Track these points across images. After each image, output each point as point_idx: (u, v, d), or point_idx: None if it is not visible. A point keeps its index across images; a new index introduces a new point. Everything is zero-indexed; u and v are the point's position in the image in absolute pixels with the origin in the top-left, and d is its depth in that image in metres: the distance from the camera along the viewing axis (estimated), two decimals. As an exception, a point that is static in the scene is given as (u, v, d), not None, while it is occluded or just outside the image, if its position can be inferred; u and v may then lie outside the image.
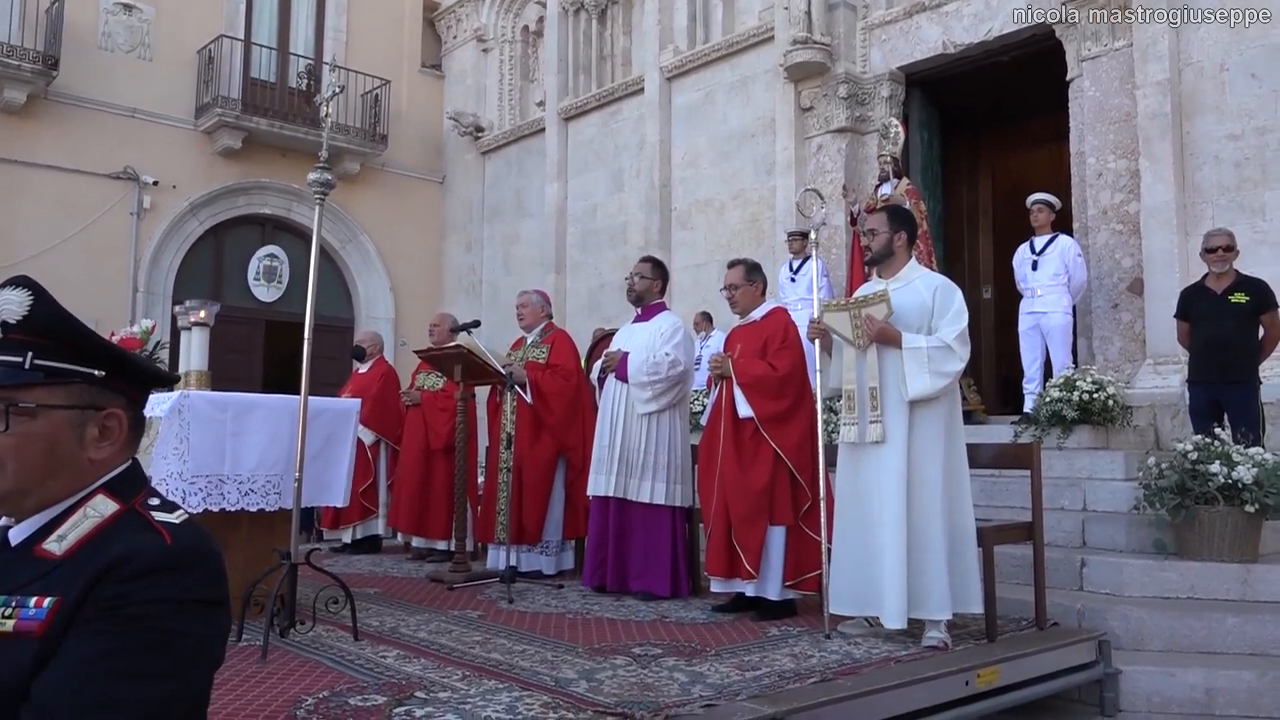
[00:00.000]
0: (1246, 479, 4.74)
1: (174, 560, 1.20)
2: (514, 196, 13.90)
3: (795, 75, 9.71)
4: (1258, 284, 5.68)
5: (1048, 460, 5.59)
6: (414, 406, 7.01)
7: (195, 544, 1.25)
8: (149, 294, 12.27)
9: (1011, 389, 8.83)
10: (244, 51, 13.07)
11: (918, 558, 3.88)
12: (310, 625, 4.00)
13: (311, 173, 4.07)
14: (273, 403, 4.41)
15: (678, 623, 4.43)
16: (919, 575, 3.87)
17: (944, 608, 3.88)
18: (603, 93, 12.43)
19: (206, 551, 1.25)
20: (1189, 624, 4.40)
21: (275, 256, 13.55)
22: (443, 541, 6.72)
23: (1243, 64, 7.06)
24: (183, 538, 1.24)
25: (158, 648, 1.15)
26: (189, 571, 1.21)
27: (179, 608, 1.18)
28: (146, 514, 1.27)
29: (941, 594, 3.87)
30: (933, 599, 3.88)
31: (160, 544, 1.22)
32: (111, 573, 1.16)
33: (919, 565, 3.88)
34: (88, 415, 1.28)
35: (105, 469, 1.31)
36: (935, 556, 3.88)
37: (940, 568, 3.88)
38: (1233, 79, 7.10)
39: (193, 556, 1.23)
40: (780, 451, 4.55)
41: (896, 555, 3.85)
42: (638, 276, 5.58)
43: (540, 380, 5.89)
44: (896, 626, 3.88)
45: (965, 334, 4.01)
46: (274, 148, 13.18)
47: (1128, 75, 7.59)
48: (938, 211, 9.42)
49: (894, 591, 3.85)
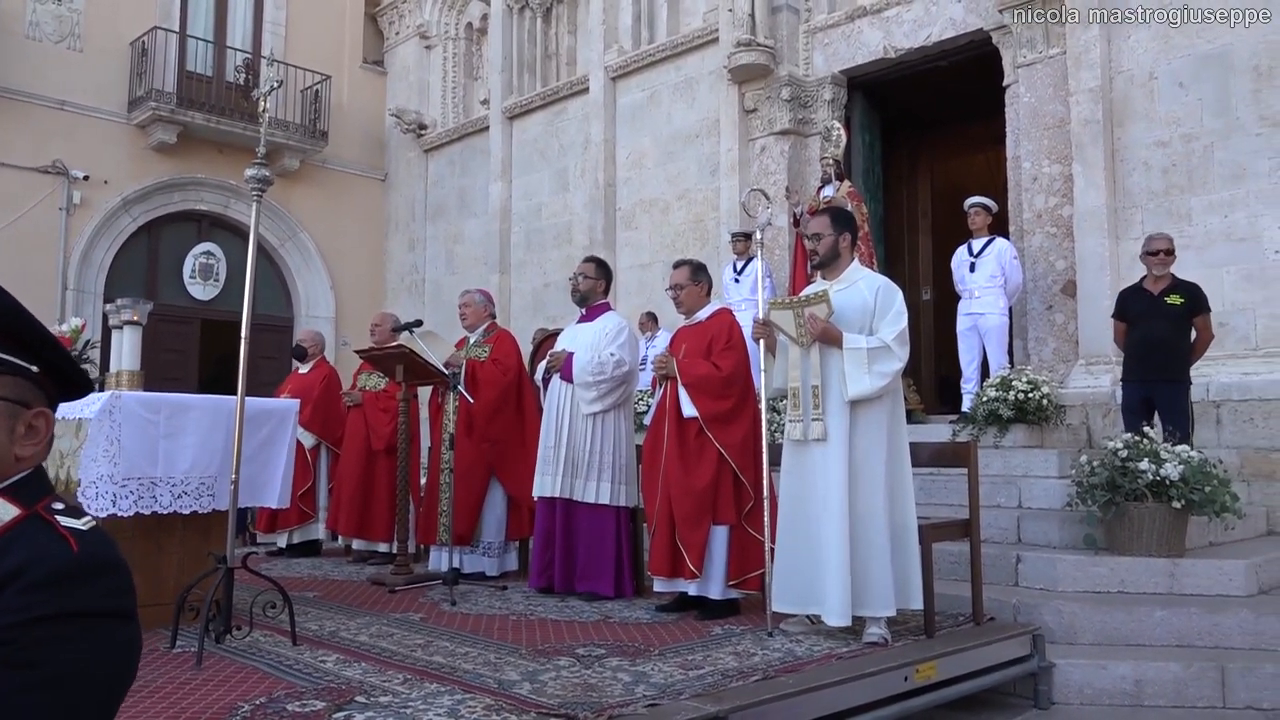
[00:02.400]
0: (1174, 476, 4.88)
1: (81, 569, 1.13)
2: (458, 195, 13.79)
3: (739, 77, 9.79)
4: (1192, 288, 5.86)
5: (984, 458, 5.70)
6: (355, 407, 6.92)
7: (104, 552, 1.17)
8: (79, 292, 11.96)
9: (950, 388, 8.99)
10: (179, 44, 12.79)
11: (861, 555, 3.92)
12: (247, 631, 3.93)
13: (249, 169, 4.00)
14: (207, 403, 4.33)
15: (622, 623, 4.44)
16: (862, 572, 3.92)
17: (887, 604, 3.93)
18: (547, 91, 12.40)
19: (115, 561, 1.18)
20: (1119, 617, 4.52)
21: (211, 254, 13.33)
22: (384, 544, 6.65)
23: (1171, 73, 7.28)
24: (91, 545, 1.16)
25: (55, 682, 1.07)
26: (97, 581, 1.13)
27: (85, 621, 1.10)
28: (51, 519, 1.18)
29: (884, 591, 3.92)
30: (876, 596, 3.93)
31: (66, 552, 1.14)
32: (12, 582, 1.08)
33: (862, 562, 3.92)
34: (18, 411, 1.23)
35: (22, 470, 1.24)
36: (878, 554, 3.93)
37: (884, 565, 3.93)
38: (1161, 87, 7.32)
39: (102, 565, 1.15)
40: (724, 451, 4.58)
41: (839, 553, 3.89)
42: (581, 277, 5.58)
43: (476, 368, 5.85)
44: (840, 624, 3.92)
45: (905, 334, 4.06)
46: (210, 143, 12.94)
47: (1061, 82, 7.77)
48: (878, 213, 9.56)
49: (837, 589, 3.89)
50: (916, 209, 11.60)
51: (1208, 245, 7.00)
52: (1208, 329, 5.86)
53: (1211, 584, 4.77)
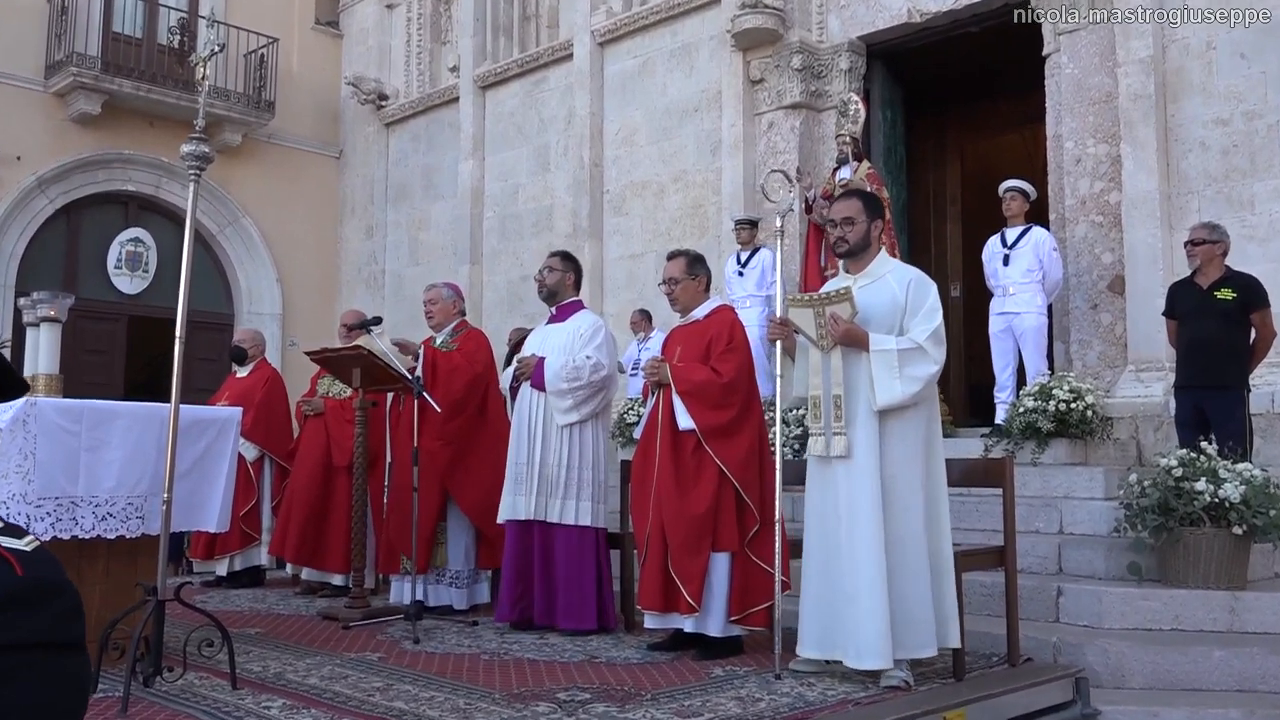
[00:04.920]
0: (1234, 497, 4.89)
1: (27, 595, 1.11)
2: (422, 175, 13.78)
3: (744, 43, 9.81)
4: (1247, 280, 5.83)
5: (1021, 477, 5.72)
6: (316, 416, 6.90)
7: (50, 575, 1.15)
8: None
9: (981, 397, 9.02)
10: (103, 1, 12.73)
11: (897, 587, 3.91)
12: (180, 672, 3.91)
13: (185, 144, 3.99)
14: (136, 412, 4.31)
15: (609, 663, 4.44)
16: (899, 608, 3.90)
17: (928, 644, 3.93)
18: (526, 58, 12.40)
19: (62, 584, 1.16)
20: (1173, 658, 4.53)
21: (141, 241, 13.28)
22: (339, 575, 6.62)
23: (1231, 42, 7.32)
24: (36, 568, 1.14)
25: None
26: (45, 608, 1.12)
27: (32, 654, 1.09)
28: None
29: (925, 628, 3.92)
30: (915, 634, 3.92)
31: (9, 576, 1.12)
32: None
33: (898, 596, 3.90)
34: None
35: None
36: (918, 587, 3.93)
37: (924, 599, 3.93)
38: (1220, 58, 7.36)
39: (49, 589, 1.14)
40: (725, 468, 4.57)
41: (872, 584, 3.87)
42: (547, 270, 5.62)
43: (436, 358, 5.83)
44: (876, 666, 3.89)
45: (940, 333, 4.05)
46: (140, 114, 12.91)
47: (1109, 51, 7.81)
48: (901, 199, 9.59)
49: (871, 625, 3.85)
50: (944, 194, 11.66)
51: (1273, 236, 7.05)
52: (1267, 326, 5.83)
53: (1278, 620, 4.79)
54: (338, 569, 6.61)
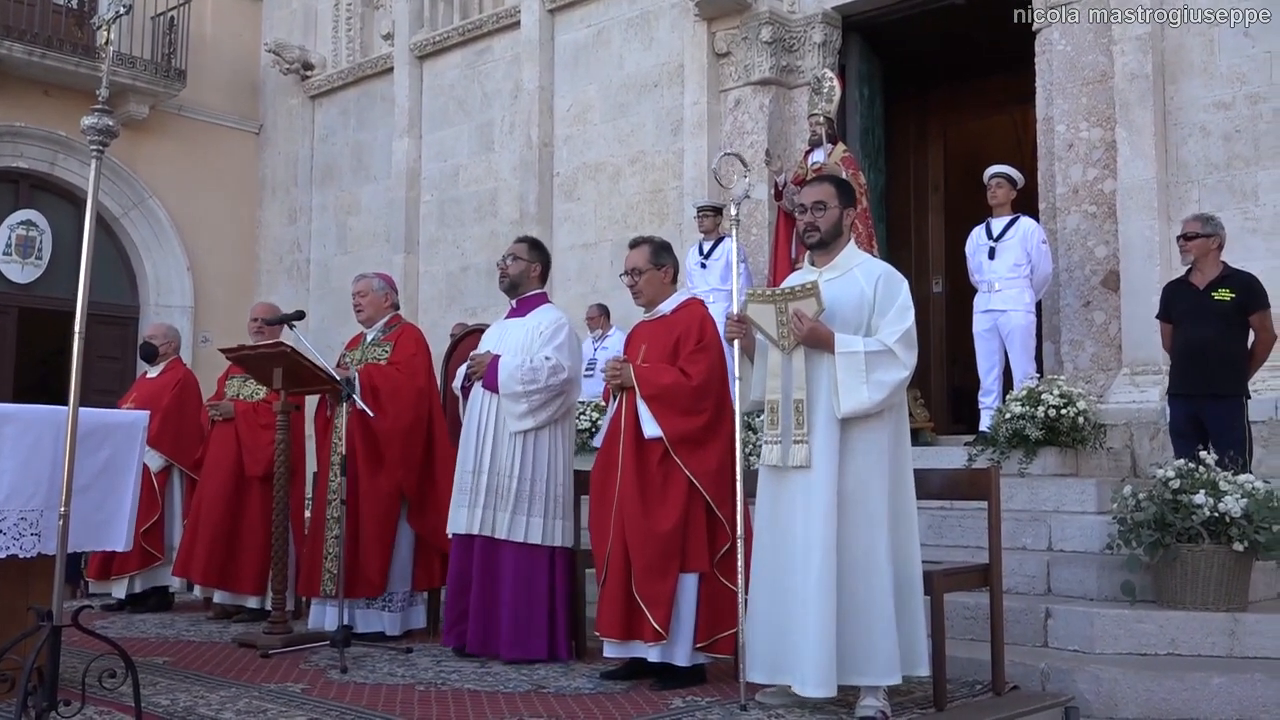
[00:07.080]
0: (1235, 512, 4.97)
1: None
2: (352, 153, 13.70)
3: (708, 12, 9.84)
4: (1246, 279, 5.91)
5: (1007, 489, 5.78)
6: (225, 421, 6.83)
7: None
8: None
9: (965, 402, 9.11)
10: (-7, -45, 12.56)
11: (859, 609, 3.94)
12: (78, 706, 3.85)
13: (86, 117, 3.93)
14: (28, 415, 4.24)
15: (558, 694, 4.44)
16: (861, 631, 3.93)
17: (891, 671, 3.95)
18: (468, 25, 12.35)
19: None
20: (1168, 685, 4.60)
21: (33, 224, 13.14)
22: (254, 597, 6.57)
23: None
24: None
25: None
26: None
27: None
28: None
29: (889, 654, 3.94)
30: (877, 660, 3.94)
31: None
32: None
33: (862, 620, 3.93)
34: None
35: None
36: (881, 609, 3.95)
37: (888, 622, 3.95)
38: (1223, 36, 7.49)
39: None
40: (695, 480, 4.58)
41: (819, 605, 3.90)
42: (511, 259, 5.59)
43: (372, 374, 5.81)
44: (818, 695, 3.92)
45: (911, 335, 4.09)
46: (33, 82, 12.76)
47: (1104, 27, 7.92)
48: (879, 185, 9.68)
49: (814, 650, 3.88)
50: (926, 180, 11.76)
51: (1277, 228, 7.16)
52: (1267, 330, 5.91)
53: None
54: (252, 590, 6.56)
